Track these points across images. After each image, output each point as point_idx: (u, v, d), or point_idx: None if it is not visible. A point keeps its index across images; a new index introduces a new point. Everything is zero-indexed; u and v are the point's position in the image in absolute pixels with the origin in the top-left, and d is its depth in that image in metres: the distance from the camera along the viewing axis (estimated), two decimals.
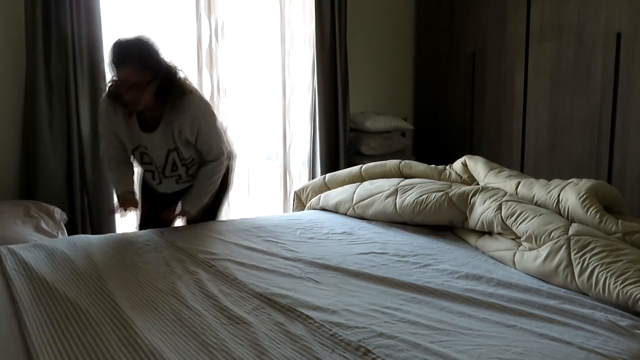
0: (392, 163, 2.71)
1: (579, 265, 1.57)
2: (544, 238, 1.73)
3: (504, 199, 2.01)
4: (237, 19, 3.40)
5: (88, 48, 2.90)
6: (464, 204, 2.14)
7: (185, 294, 1.55)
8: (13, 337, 1.28)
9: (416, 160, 3.80)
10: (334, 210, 2.66)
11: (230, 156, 2.41)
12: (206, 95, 3.29)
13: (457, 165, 2.59)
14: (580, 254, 1.60)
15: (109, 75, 2.90)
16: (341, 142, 3.69)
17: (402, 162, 2.69)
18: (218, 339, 1.27)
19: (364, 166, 2.79)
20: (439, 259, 1.87)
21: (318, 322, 1.35)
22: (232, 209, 3.46)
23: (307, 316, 1.38)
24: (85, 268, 1.75)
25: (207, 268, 1.78)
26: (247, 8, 3.44)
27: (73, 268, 1.75)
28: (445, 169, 2.62)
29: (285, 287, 1.60)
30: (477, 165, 2.48)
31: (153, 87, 2.03)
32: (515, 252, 1.82)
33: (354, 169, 2.80)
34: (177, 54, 3.22)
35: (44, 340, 1.26)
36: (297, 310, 1.42)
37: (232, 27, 3.38)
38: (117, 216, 3.06)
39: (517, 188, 2.17)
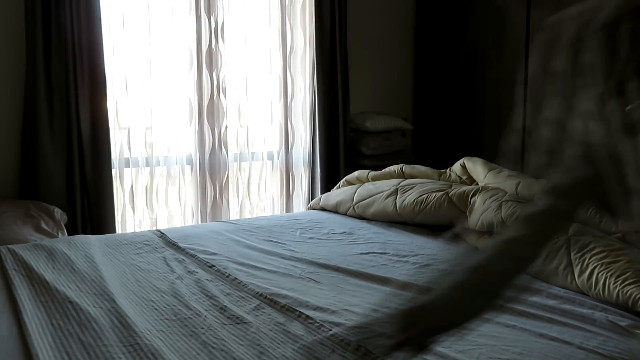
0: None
1: (579, 265, 1.57)
2: None
3: (504, 199, 2.01)
4: (238, 19, 3.40)
5: (88, 48, 2.90)
6: (464, 203, 2.14)
7: (185, 294, 1.55)
8: (13, 337, 1.28)
9: (416, 160, 3.81)
10: (334, 210, 2.66)
11: None
12: (206, 95, 3.29)
13: (456, 167, 2.59)
14: (580, 254, 1.59)
15: (108, 74, 2.94)
16: (341, 142, 3.69)
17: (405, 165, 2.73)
18: (218, 339, 1.28)
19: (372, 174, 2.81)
20: (439, 259, 1.87)
21: (318, 322, 1.35)
22: (233, 209, 3.46)
23: (307, 316, 1.38)
24: (85, 268, 1.75)
25: (207, 268, 1.78)
26: (247, 8, 3.44)
27: (73, 268, 1.75)
28: (445, 171, 2.62)
29: (285, 287, 1.60)
30: (476, 167, 2.48)
31: None
32: None
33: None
34: (177, 53, 3.22)
35: (44, 340, 1.26)
36: (297, 310, 1.42)
37: (232, 27, 3.38)
38: (119, 215, 3.08)
39: (517, 188, 2.17)
